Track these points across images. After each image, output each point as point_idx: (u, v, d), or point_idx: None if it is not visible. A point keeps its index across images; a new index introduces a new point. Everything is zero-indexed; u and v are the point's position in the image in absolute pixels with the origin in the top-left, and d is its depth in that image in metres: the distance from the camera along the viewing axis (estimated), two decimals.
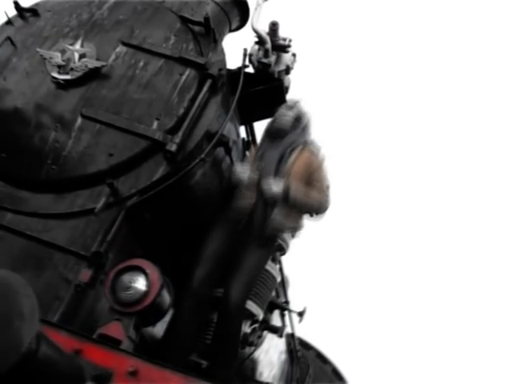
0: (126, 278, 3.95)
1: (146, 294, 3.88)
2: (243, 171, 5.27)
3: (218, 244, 5.24)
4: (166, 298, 4.01)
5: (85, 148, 4.77)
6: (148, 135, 4.73)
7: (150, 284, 3.90)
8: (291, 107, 5.49)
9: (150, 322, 4.12)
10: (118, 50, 5.22)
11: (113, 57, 5.17)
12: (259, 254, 5.29)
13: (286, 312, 7.44)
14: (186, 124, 4.75)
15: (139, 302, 3.87)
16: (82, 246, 4.41)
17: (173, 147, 4.59)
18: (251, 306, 5.49)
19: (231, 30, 6.17)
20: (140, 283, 3.92)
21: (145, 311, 3.89)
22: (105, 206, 4.46)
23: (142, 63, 5.14)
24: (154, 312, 3.97)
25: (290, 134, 5.44)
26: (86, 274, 4.22)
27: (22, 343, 2.72)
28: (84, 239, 4.45)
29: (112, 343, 3.70)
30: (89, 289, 4.24)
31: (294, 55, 5.53)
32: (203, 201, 5.06)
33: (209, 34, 5.30)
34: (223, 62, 5.24)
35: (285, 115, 5.44)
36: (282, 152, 5.35)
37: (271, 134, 5.50)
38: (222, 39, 5.52)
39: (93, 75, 5.06)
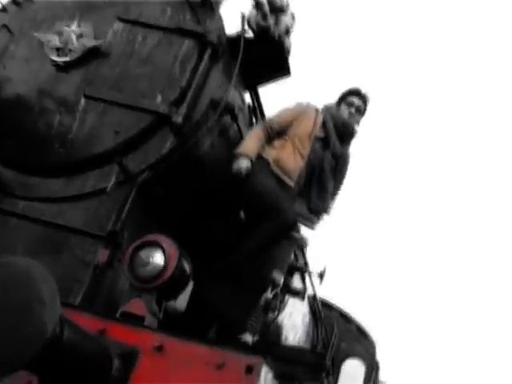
0: (143, 254, 3.94)
1: (164, 268, 3.87)
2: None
3: None
4: (185, 270, 4.00)
5: (91, 128, 4.75)
6: (153, 109, 4.69)
7: (167, 258, 3.89)
8: None
9: (171, 295, 4.11)
10: (115, 27, 5.15)
11: (110, 34, 5.10)
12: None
13: (306, 274, 7.42)
14: (189, 95, 4.70)
15: (158, 276, 3.86)
16: (96, 226, 4.41)
17: (179, 119, 4.55)
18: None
19: None
20: (158, 258, 3.91)
21: (165, 285, 3.88)
22: (116, 184, 4.44)
23: (140, 38, 5.07)
24: (174, 285, 3.96)
25: None
26: (103, 254, 4.22)
27: (46, 329, 2.71)
28: (98, 220, 4.44)
29: (135, 320, 3.71)
30: (107, 269, 4.24)
31: (293, 16, 5.44)
32: (214, 170, 5.03)
33: (205, 3, 5.22)
34: (222, 29, 5.16)
35: None
36: None
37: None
38: (219, 7, 5.43)
39: (92, 55, 5.00)
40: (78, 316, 3.46)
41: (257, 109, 5.87)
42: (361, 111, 5.90)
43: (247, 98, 5.78)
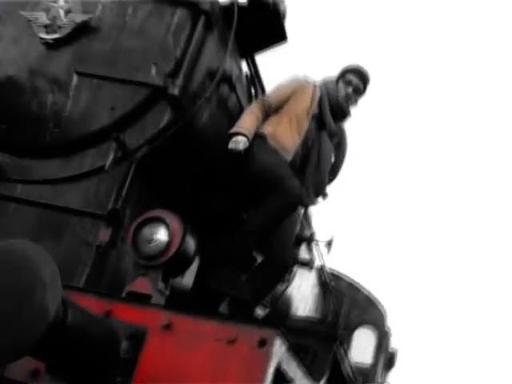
0: (146, 230, 3.83)
1: (168, 244, 3.76)
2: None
3: None
4: (191, 245, 3.88)
5: (85, 106, 4.61)
6: (148, 83, 4.55)
7: (171, 233, 3.77)
8: None
9: (177, 272, 4.00)
10: (103, 0, 5.00)
11: (99, 8, 4.93)
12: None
13: (313, 244, 7.34)
14: (185, 65, 4.56)
15: (163, 253, 3.75)
16: (97, 205, 4.30)
17: (175, 91, 4.42)
18: None
19: None
20: (162, 234, 3.79)
21: (170, 262, 3.76)
22: (114, 161, 4.33)
23: (130, 10, 4.90)
24: (179, 261, 3.84)
25: None
26: (105, 234, 4.12)
27: (49, 313, 2.63)
28: (98, 199, 4.33)
29: (142, 299, 3.62)
30: (111, 248, 4.15)
31: None
32: (214, 143, 4.90)
33: None
34: None
35: None
36: None
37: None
38: None
39: (82, 30, 4.83)
40: (83, 298, 3.39)
41: (255, 78, 5.72)
42: (359, 91, 5.70)
43: (244, 67, 5.62)
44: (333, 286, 9.16)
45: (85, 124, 4.56)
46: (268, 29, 5.38)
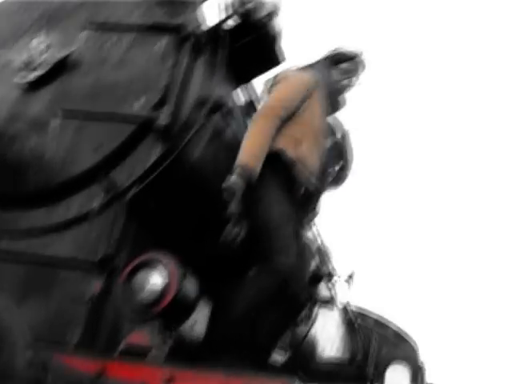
0: (139, 277, 3.42)
1: (164, 290, 3.35)
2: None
3: None
4: (191, 289, 3.47)
5: (68, 147, 4.25)
6: (134, 116, 4.19)
7: (167, 278, 3.37)
8: None
9: (179, 320, 3.57)
10: (84, 33, 4.69)
11: (80, 41, 4.64)
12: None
13: (334, 281, 6.98)
14: (172, 94, 4.22)
15: (159, 300, 3.34)
16: (88, 254, 3.90)
17: (163, 122, 4.06)
18: None
19: None
20: (156, 279, 3.39)
21: (168, 310, 3.35)
22: (103, 204, 3.97)
23: (112, 41, 4.59)
24: (179, 308, 3.43)
25: None
26: (97, 285, 3.72)
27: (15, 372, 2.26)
28: (89, 246, 3.93)
29: (139, 354, 3.23)
30: (105, 299, 3.74)
31: None
32: (212, 175, 4.51)
33: None
34: (200, 19, 4.68)
35: None
36: None
37: None
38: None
39: (62, 66, 4.52)
40: (72, 358, 3.02)
41: (254, 104, 5.32)
42: (355, 78, 5.15)
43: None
44: (359, 324, 8.80)
45: (69, 167, 4.20)
46: (263, 52, 5.00)
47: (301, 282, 4.66)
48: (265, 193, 4.35)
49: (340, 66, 5.12)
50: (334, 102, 5.06)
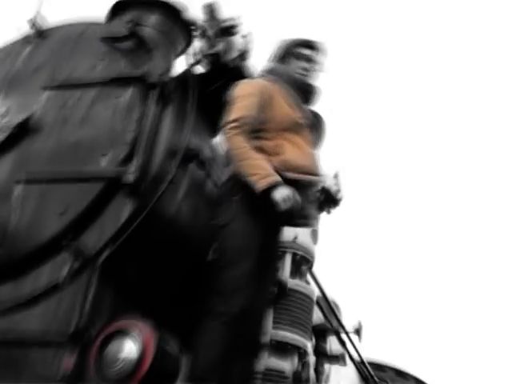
0: (110, 349, 3.05)
1: (140, 359, 2.97)
2: None
3: None
4: (171, 354, 3.09)
5: (32, 216, 3.91)
6: (99, 176, 3.88)
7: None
8: None
9: None
10: (43, 96, 4.41)
11: (39, 104, 4.35)
12: None
13: (343, 335, 6.59)
14: (140, 148, 3.90)
15: (135, 372, 2.96)
16: (59, 328, 3.51)
17: (130, 179, 3.74)
18: (293, 337, 4.59)
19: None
20: (129, 349, 3.01)
21: (146, 380, 2.96)
22: (73, 271, 3.61)
23: (74, 99, 4.31)
24: (158, 377, 3.04)
25: None
26: (67, 363, 3.32)
27: None
28: (59, 321, 3.54)
29: None
30: (79, 377, 3.34)
31: (244, 36, 4.62)
32: (192, 230, 4.17)
33: (141, 45, 4.49)
34: (165, 67, 4.40)
35: None
36: None
37: None
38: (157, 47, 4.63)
39: (21, 131, 4.23)
40: None
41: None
42: (314, 62, 4.69)
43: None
44: (378, 378, 8.36)
45: (33, 236, 3.84)
46: None
47: (257, 327, 4.27)
48: (232, 219, 4.08)
49: (292, 53, 4.69)
50: (301, 92, 4.62)
